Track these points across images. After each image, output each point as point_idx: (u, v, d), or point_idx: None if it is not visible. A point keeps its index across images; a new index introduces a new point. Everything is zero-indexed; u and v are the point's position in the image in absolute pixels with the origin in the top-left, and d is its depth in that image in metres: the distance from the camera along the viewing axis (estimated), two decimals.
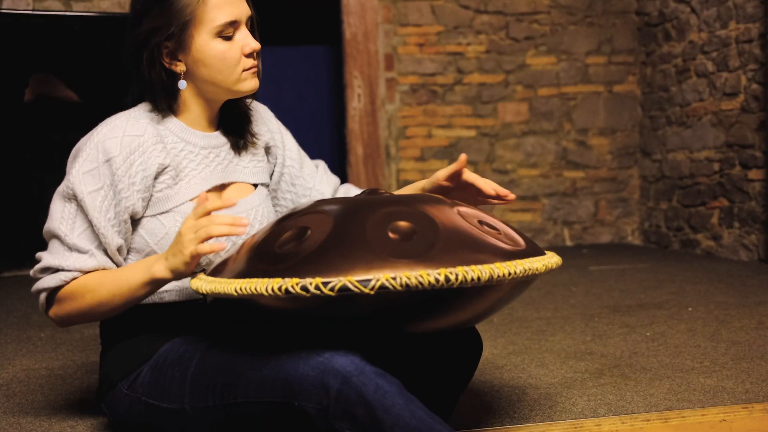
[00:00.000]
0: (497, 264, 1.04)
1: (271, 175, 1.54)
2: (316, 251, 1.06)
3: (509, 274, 1.04)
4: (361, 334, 1.13)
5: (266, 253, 1.11)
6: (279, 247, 1.11)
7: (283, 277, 1.03)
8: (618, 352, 2.05)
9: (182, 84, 1.34)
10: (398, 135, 4.70)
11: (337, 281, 1.00)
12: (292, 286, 1.01)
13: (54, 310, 1.32)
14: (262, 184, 1.50)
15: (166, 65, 1.33)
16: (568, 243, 4.89)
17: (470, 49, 4.73)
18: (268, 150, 1.52)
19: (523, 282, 1.12)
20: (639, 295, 2.92)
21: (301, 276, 1.02)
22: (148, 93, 1.35)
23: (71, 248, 1.28)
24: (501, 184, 4.78)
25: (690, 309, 2.61)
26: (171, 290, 1.35)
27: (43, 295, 1.31)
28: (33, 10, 4.07)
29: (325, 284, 1.00)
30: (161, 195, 1.33)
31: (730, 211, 4.00)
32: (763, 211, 3.75)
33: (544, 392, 1.71)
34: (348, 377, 1.07)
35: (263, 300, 1.06)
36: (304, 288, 1.00)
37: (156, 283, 1.24)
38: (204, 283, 1.13)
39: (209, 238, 1.15)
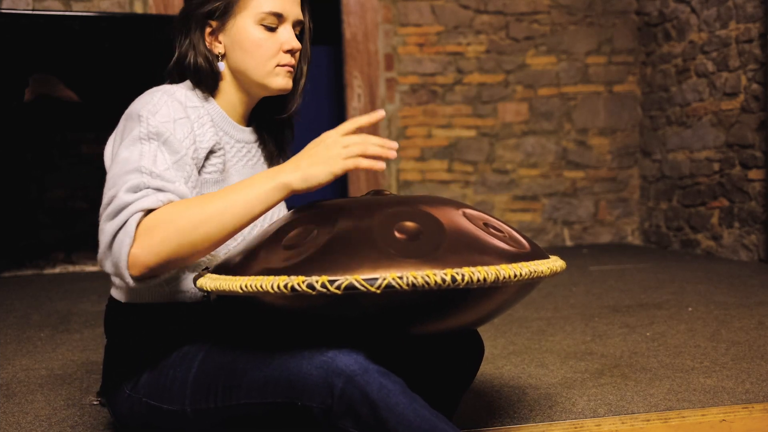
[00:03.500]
0: (503, 266, 1.04)
1: None
2: (322, 250, 1.06)
3: (515, 275, 1.04)
4: (366, 334, 1.13)
5: (272, 251, 1.11)
6: (285, 245, 1.11)
7: (289, 275, 1.03)
8: (618, 352, 2.05)
9: (221, 65, 1.33)
10: (398, 135, 4.70)
11: (344, 279, 1.00)
12: (299, 284, 1.01)
13: (140, 243, 1.10)
14: None
15: (208, 44, 1.34)
16: (568, 243, 4.89)
17: (470, 49, 4.73)
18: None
19: (528, 284, 1.12)
20: (639, 295, 2.92)
21: (308, 274, 1.02)
22: (191, 72, 1.34)
23: (155, 177, 1.15)
24: (501, 184, 4.79)
25: (690, 309, 2.61)
26: (176, 291, 1.34)
27: (136, 217, 1.10)
28: (33, 10, 4.06)
29: (331, 282, 1.00)
30: (210, 177, 1.30)
31: (730, 211, 4.00)
32: (763, 211, 3.75)
33: (544, 392, 1.71)
34: (352, 376, 1.07)
35: (268, 298, 1.06)
36: (311, 286, 1.00)
37: (286, 191, 1.12)
38: (209, 281, 1.13)
39: (362, 155, 1.10)
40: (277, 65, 1.33)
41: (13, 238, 4.34)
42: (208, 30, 1.33)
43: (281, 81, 1.34)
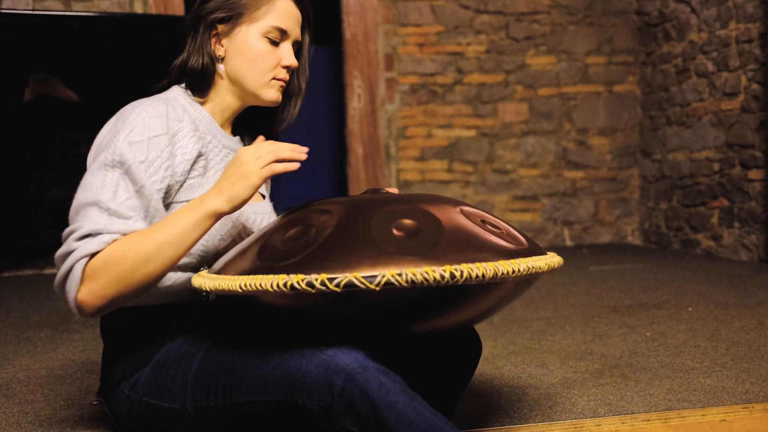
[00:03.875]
0: (501, 262, 1.05)
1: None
2: (320, 248, 1.06)
3: (513, 272, 1.05)
4: (365, 332, 1.13)
5: (271, 250, 1.11)
6: (283, 244, 1.11)
7: (288, 274, 1.03)
8: (618, 352, 2.05)
9: (221, 67, 1.39)
10: (398, 135, 4.70)
11: (343, 277, 1.00)
12: (298, 282, 1.01)
13: (86, 288, 1.17)
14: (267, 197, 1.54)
15: (212, 45, 1.39)
16: (568, 243, 4.89)
17: (470, 49, 4.73)
18: None
19: (526, 280, 1.12)
20: (639, 295, 2.92)
21: (307, 272, 1.02)
22: (192, 70, 1.38)
23: (112, 214, 1.20)
24: (501, 184, 4.79)
25: (690, 309, 2.61)
26: (175, 291, 1.35)
27: (80, 265, 1.16)
28: (33, 10, 4.06)
29: (330, 280, 1.00)
30: (194, 182, 1.33)
31: (730, 211, 4.00)
32: (763, 211, 3.75)
33: (544, 392, 1.71)
34: (352, 374, 1.07)
35: (268, 296, 1.07)
36: (310, 284, 1.01)
37: (214, 218, 1.19)
38: (207, 281, 1.13)
39: (276, 161, 1.17)
40: (273, 78, 1.39)
41: (13, 238, 4.34)
42: (213, 32, 1.38)
43: (273, 94, 1.40)
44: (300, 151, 1.18)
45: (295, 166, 1.18)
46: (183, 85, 1.41)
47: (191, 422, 1.23)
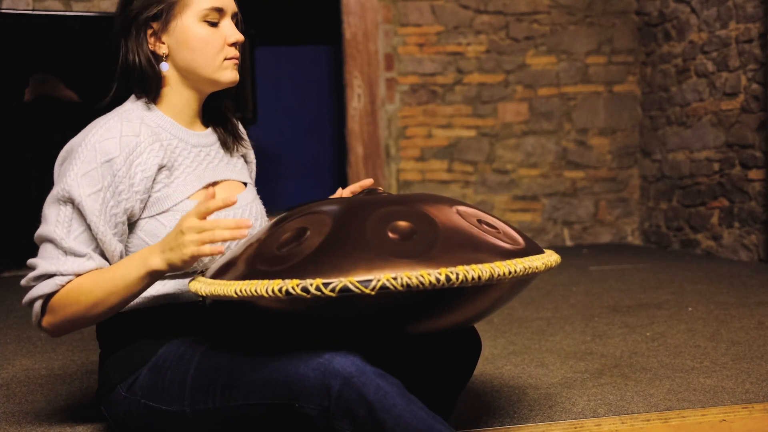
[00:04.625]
0: (497, 263, 1.04)
1: None
2: (315, 252, 1.06)
3: (509, 272, 1.04)
4: (362, 334, 1.13)
5: (265, 255, 1.10)
6: (278, 248, 1.11)
7: (283, 279, 1.02)
8: (618, 352, 2.05)
9: (165, 66, 1.34)
10: (398, 135, 4.70)
11: (338, 282, 0.99)
12: (293, 288, 1.01)
13: (48, 320, 1.28)
14: (250, 183, 1.51)
15: (151, 46, 1.34)
16: (568, 243, 4.89)
17: (470, 49, 4.73)
18: (245, 160, 1.55)
19: (523, 280, 1.12)
20: (639, 295, 2.92)
21: (302, 277, 1.02)
22: (134, 77, 1.35)
23: (67, 252, 1.25)
24: (501, 184, 4.79)
25: (690, 309, 2.61)
26: (170, 293, 1.35)
27: (38, 304, 1.27)
28: (33, 10, 4.06)
29: (326, 285, 1.00)
30: (159, 195, 1.32)
31: (730, 211, 4.00)
32: (763, 211, 3.75)
33: (544, 392, 1.71)
34: (349, 378, 1.07)
35: (263, 302, 1.06)
36: (305, 289, 1.00)
37: (153, 276, 1.23)
38: (203, 286, 1.13)
39: (212, 241, 1.14)
40: (225, 59, 1.35)
41: (13, 238, 4.34)
42: (149, 32, 1.34)
43: (230, 74, 1.37)
44: (241, 230, 1.14)
45: (221, 249, 1.14)
46: (136, 93, 1.37)
47: (189, 424, 1.23)
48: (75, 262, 1.25)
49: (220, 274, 1.15)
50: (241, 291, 1.05)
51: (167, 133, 1.35)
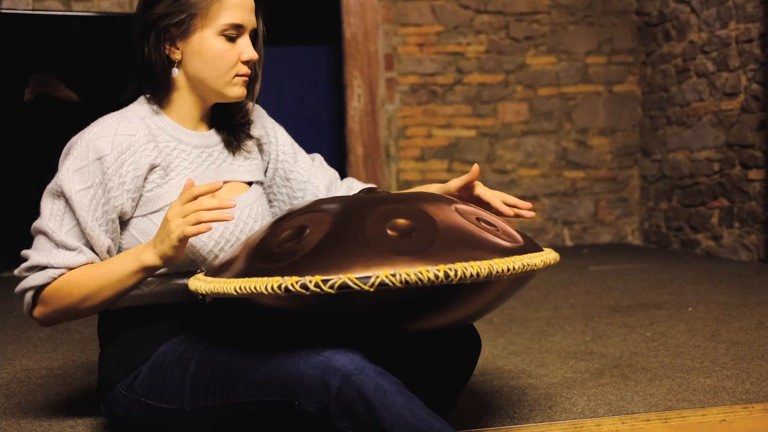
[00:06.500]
0: (496, 260, 1.04)
1: (266, 171, 1.54)
2: (315, 249, 1.06)
3: (508, 270, 1.04)
4: (361, 332, 1.13)
5: (265, 253, 1.11)
6: (278, 246, 1.11)
7: (282, 276, 1.03)
8: (618, 352, 2.05)
9: (175, 71, 1.36)
10: (398, 135, 4.70)
11: (337, 279, 1.00)
12: (292, 285, 1.01)
13: (39, 310, 1.30)
14: (256, 182, 1.50)
15: (166, 50, 1.35)
16: (568, 243, 4.89)
17: (470, 49, 4.73)
18: (260, 147, 1.53)
19: (522, 278, 1.12)
20: (639, 295, 2.92)
21: (301, 274, 1.02)
22: (147, 78, 1.36)
23: (59, 245, 1.27)
24: (501, 184, 4.78)
25: (690, 309, 2.61)
26: (170, 292, 1.35)
27: (29, 294, 1.29)
28: (33, 10, 4.06)
29: (324, 282, 1.00)
30: (151, 194, 1.33)
31: (730, 211, 4.00)
32: (763, 211, 3.75)
33: (544, 392, 1.71)
34: (348, 376, 1.07)
35: (263, 299, 1.06)
36: (304, 286, 1.00)
37: (146, 271, 1.25)
38: (203, 284, 1.13)
39: (197, 223, 1.17)
40: (236, 75, 1.37)
41: (13, 238, 4.34)
42: (167, 36, 1.35)
43: (238, 90, 1.38)
44: (225, 207, 1.18)
45: (208, 227, 1.17)
46: (147, 94, 1.39)
47: (189, 422, 1.23)
48: (66, 255, 1.27)
49: (220, 272, 1.15)
50: (240, 288, 1.05)
51: (166, 134, 1.36)
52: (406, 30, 4.67)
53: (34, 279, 1.28)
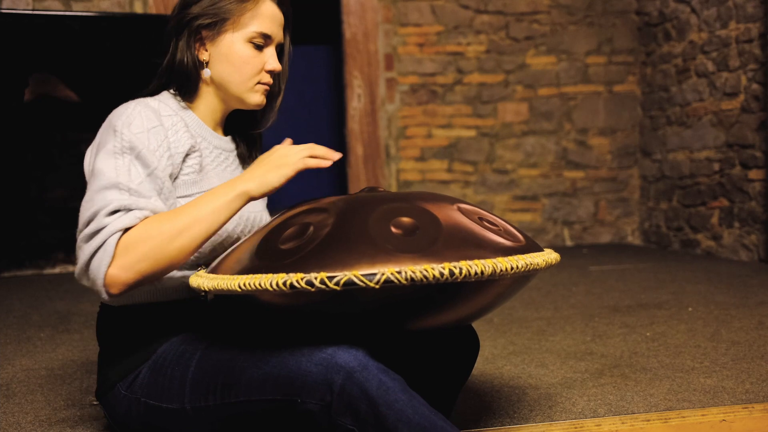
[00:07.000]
0: (500, 259, 1.05)
1: None
2: (319, 247, 1.06)
3: (511, 268, 1.05)
4: (364, 330, 1.13)
5: (269, 250, 1.11)
6: (282, 243, 1.11)
7: (287, 273, 1.03)
8: (618, 352, 2.05)
9: (207, 72, 1.39)
10: (398, 135, 4.70)
11: (343, 275, 1.00)
12: (297, 281, 1.01)
13: (118, 262, 1.16)
14: None
15: (196, 50, 1.39)
16: (568, 243, 4.89)
17: (470, 49, 4.73)
18: None
19: (524, 277, 1.13)
20: (639, 295, 2.92)
21: (306, 271, 1.02)
22: (176, 75, 1.39)
23: (133, 194, 1.21)
24: (501, 184, 4.79)
25: (690, 309, 2.61)
26: (170, 290, 1.35)
27: (114, 237, 1.16)
28: (33, 10, 4.06)
29: (330, 278, 1.00)
30: (187, 178, 1.34)
31: (730, 211, 4.00)
32: (763, 211, 3.75)
33: (544, 392, 1.71)
34: (351, 373, 1.07)
35: (267, 296, 1.07)
36: (309, 282, 1.01)
37: (245, 199, 1.23)
38: (206, 281, 1.13)
39: (312, 157, 1.23)
40: (258, 83, 1.41)
41: (13, 238, 4.34)
42: (198, 37, 1.39)
43: (258, 98, 1.42)
44: (333, 152, 1.25)
45: (327, 163, 1.24)
46: (172, 90, 1.41)
47: (190, 422, 1.23)
48: (146, 201, 1.22)
49: (223, 268, 1.16)
50: (245, 285, 1.05)
51: (194, 129, 1.40)
52: (406, 30, 4.67)
53: (122, 220, 1.17)
